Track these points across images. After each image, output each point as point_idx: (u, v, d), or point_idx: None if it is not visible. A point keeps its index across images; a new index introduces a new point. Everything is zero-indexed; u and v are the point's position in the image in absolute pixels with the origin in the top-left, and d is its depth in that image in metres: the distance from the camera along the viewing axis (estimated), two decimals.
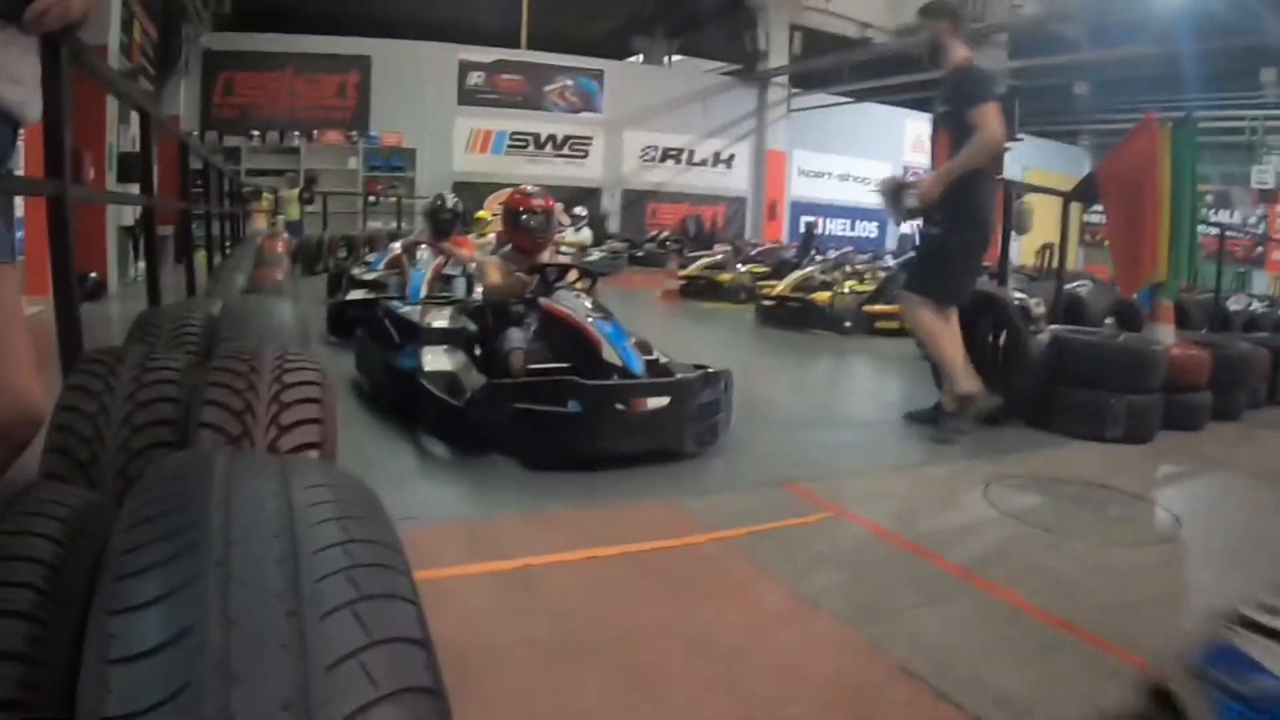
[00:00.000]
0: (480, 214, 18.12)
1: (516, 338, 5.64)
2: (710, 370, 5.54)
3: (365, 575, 1.03)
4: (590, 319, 5.61)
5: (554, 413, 4.75)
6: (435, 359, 5.76)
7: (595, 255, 19.96)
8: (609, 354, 5.35)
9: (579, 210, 21.59)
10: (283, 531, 1.07)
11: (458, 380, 5.42)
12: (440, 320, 6.49)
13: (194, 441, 2.05)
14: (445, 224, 9.90)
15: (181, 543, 1.02)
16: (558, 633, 2.94)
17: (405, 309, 6.88)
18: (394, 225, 20.29)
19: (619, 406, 4.95)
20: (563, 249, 18.75)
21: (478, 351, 5.96)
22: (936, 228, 6.42)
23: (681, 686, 2.66)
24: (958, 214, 6.24)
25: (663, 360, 5.89)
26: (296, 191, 20.27)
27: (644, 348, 5.87)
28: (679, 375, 5.50)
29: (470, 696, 2.49)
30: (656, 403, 5.06)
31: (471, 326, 6.27)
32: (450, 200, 10.14)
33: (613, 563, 3.56)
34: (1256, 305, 15.04)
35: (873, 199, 27.57)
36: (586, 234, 20.59)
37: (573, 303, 5.81)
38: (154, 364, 2.34)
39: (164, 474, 1.23)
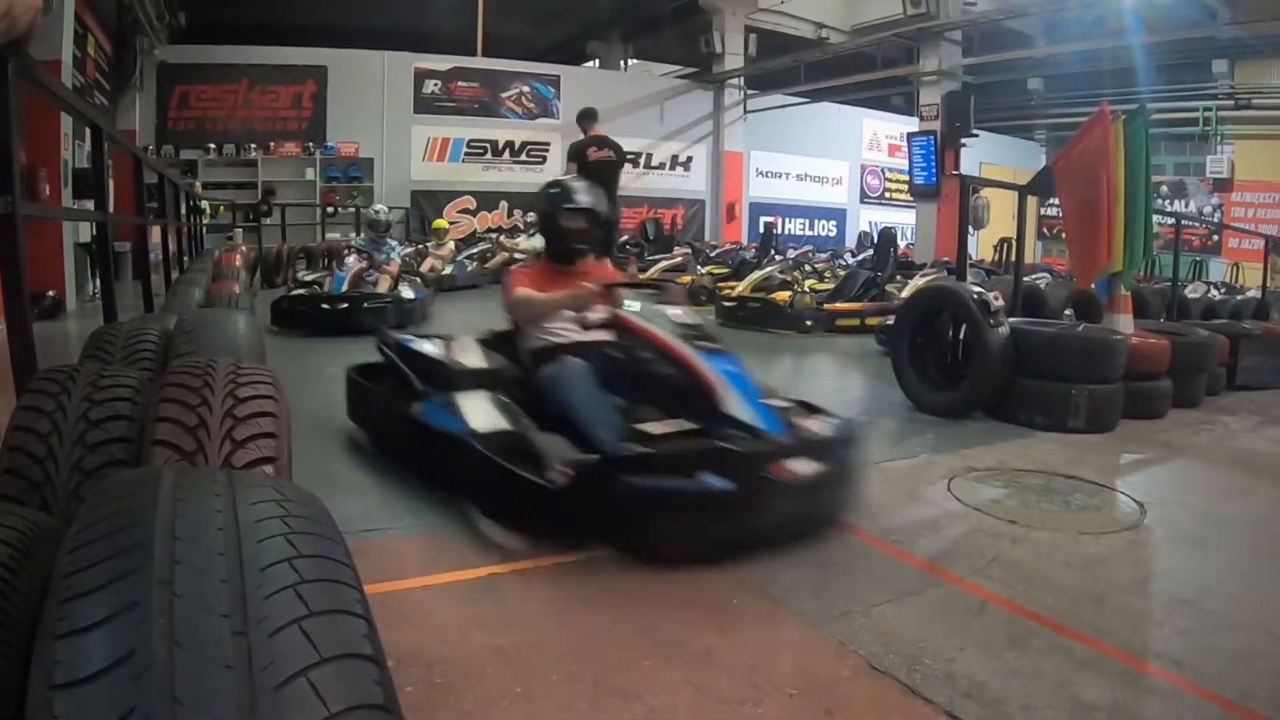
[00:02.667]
0: (438, 223, 17.83)
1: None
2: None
3: (313, 591, 1.01)
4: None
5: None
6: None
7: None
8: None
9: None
10: (229, 549, 1.05)
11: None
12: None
13: (148, 459, 2.02)
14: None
15: (126, 564, 1.00)
16: (525, 642, 2.92)
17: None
18: (353, 235, 20.20)
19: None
20: (516, 255, 18.56)
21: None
22: None
23: (651, 690, 2.65)
24: None
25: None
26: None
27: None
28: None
29: (439, 708, 2.48)
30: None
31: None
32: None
33: (577, 569, 3.55)
34: (1214, 293, 15.23)
35: (832, 197, 27.68)
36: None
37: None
38: (107, 381, 2.31)
39: (109, 494, 1.21)
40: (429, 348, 5.14)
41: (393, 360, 5.23)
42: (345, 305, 10.47)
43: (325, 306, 10.43)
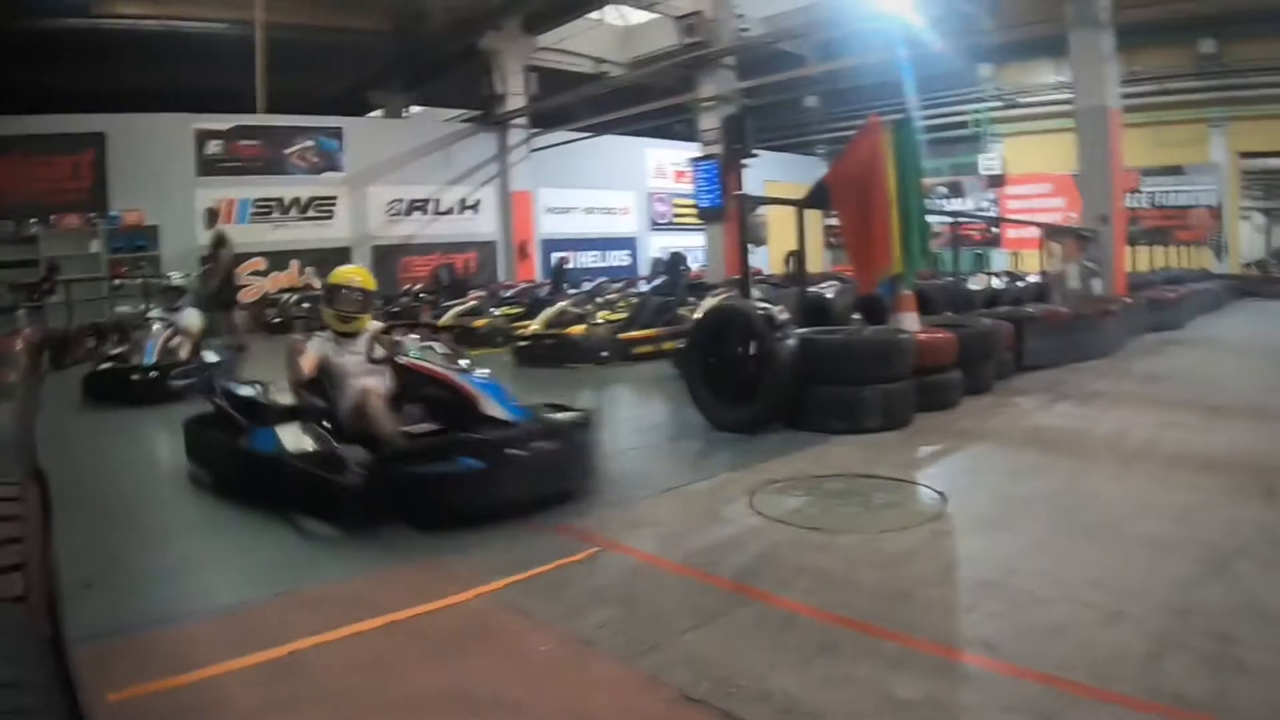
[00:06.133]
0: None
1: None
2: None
3: None
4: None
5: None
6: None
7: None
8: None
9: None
10: None
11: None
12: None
13: None
14: None
15: None
16: (337, 718, 2.83)
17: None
18: (141, 307, 19.43)
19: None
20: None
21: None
22: None
23: None
24: None
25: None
26: None
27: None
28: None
29: None
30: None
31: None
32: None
33: (378, 635, 3.44)
34: (996, 282, 15.88)
35: (621, 227, 27.95)
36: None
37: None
38: None
39: None
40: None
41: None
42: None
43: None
